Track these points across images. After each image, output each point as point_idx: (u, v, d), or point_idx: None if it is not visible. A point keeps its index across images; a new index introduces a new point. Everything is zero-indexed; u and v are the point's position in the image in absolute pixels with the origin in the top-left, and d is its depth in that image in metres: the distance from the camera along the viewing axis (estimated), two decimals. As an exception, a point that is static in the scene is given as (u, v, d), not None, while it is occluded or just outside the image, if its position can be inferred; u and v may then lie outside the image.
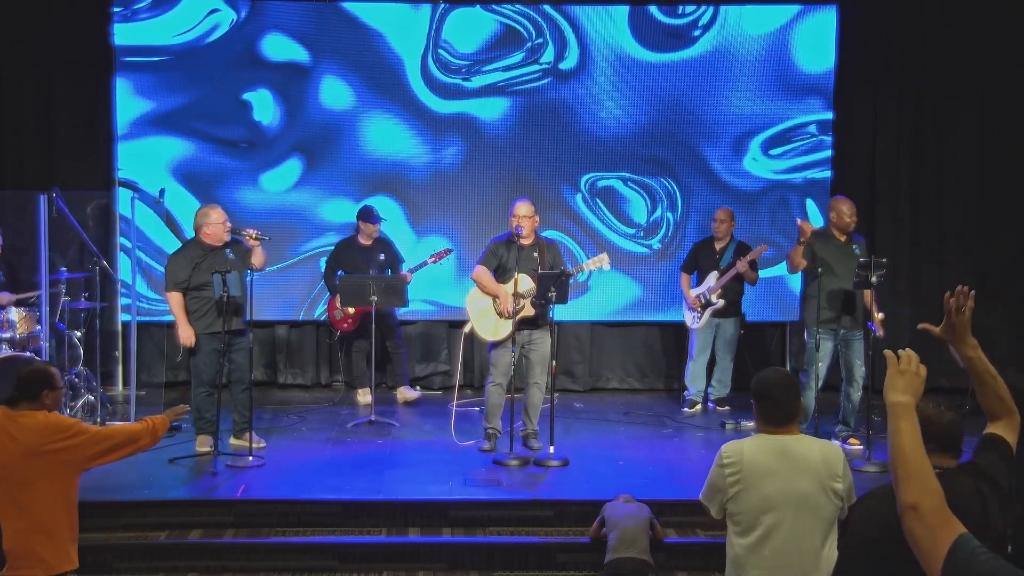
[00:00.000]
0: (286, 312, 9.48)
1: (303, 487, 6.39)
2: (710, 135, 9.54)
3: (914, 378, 2.49)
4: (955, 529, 2.24)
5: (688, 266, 8.87)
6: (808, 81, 9.51)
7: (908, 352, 2.54)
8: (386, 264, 8.76)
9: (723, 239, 8.73)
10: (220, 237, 7.17)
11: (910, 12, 9.57)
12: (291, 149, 9.43)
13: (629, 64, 9.48)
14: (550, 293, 6.85)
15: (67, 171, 9.11)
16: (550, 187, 9.47)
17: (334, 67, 9.40)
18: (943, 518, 2.27)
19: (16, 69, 9.29)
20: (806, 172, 9.58)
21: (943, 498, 2.31)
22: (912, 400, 2.46)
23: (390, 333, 8.92)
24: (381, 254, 8.78)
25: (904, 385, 2.48)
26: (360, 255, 8.77)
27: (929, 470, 2.34)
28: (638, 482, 6.50)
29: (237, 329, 7.14)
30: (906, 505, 2.31)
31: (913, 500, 2.30)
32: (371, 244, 8.81)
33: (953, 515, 2.28)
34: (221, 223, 7.18)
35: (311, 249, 9.44)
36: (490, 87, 9.47)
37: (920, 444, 2.39)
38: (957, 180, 9.64)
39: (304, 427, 8.12)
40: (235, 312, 7.07)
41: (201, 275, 7.05)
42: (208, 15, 9.31)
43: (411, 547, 5.92)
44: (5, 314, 7.46)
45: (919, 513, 2.28)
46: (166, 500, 6.21)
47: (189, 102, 9.34)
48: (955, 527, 2.24)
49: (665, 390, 9.64)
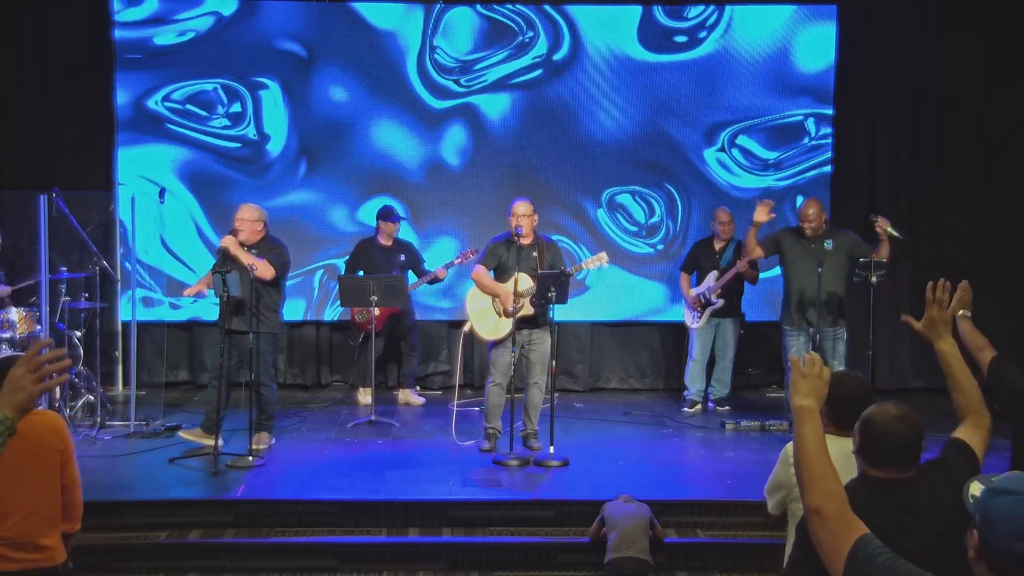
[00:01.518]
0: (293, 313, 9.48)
1: (303, 487, 6.39)
2: (709, 136, 9.54)
3: (817, 381, 2.51)
4: (856, 531, 2.26)
5: (688, 266, 8.87)
6: (808, 81, 9.51)
7: (812, 355, 2.55)
8: (407, 265, 8.74)
9: (725, 239, 8.73)
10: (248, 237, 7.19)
11: (910, 12, 9.57)
12: (292, 149, 9.43)
13: (630, 64, 9.47)
14: (550, 293, 6.85)
15: (67, 171, 9.12)
16: (552, 185, 9.47)
17: (335, 67, 9.40)
18: (845, 521, 2.28)
19: (16, 69, 9.29)
20: (806, 172, 9.58)
21: (845, 502, 2.32)
22: (815, 404, 2.47)
23: (407, 333, 8.91)
24: (401, 255, 8.76)
25: (807, 389, 2.49)
26: (380, 255, 8.74)
27: (832, 474, 2.35)
28: (638, 482, 6.50)
29: (238, 330, 7.12)
30: (810, 509, 2.33)
31: (816, 504, 2.32)
32: (391, 244, 8.78)
33: (856, 517, 2.30)
34: (246, 220, 7.20)
35: (316, 252, 9.44)
36: (489, 85, 9.46)
37: (824, 448, 2.40)
38: (957, 180, 9.65)
39: (304, 427, 8.11)
40: (235, 311, 7.07)
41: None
42: (208, 15, 9.32)
43: (411, 547, 5.92)
44: (5, 314, 7.46)
45: (822, 517, 2.30)
46: (166, 500, 6.21)
47: (189, 101, 9.35)
48: (856, 529, 2.26)
49: (665, 390, 9.64)
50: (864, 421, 2.97)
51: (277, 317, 7.30)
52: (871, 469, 2.95)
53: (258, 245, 7.21)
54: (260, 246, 7.21)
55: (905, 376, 9.65)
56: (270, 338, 7.26)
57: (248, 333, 7.10)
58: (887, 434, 2.91)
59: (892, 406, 3.01)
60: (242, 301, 7.05)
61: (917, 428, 2.96)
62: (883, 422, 2.93)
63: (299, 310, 9.47)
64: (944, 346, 3.05)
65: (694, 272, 8.80)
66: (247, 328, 7.10)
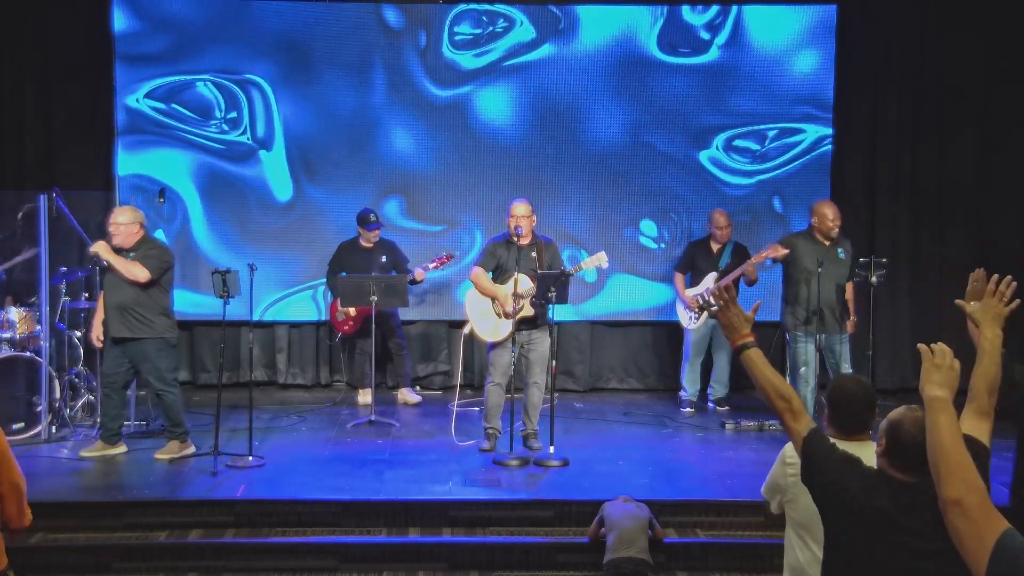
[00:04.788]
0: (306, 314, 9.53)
1: (303, 487, 6.39)
2: (709, 136, 9.53)
3: (949, 372, 2.50)
4: (999, 524, 2.22)
5: (684, 267, 8.86)
6: (808, 81, 9.50)
7: (941, 346, 2.53)
8: (389, 266, 8.74)
9: (723, 242, 8.73)
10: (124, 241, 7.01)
11: (910, 12, 9.57)
12: (293, 149, 9.43)
13: (634, 65, 9.46)
14: (550, 293, 6.85)
15: (67, 171, 9.11)
16: (554, 186, 9.47)
17: (336, 67, 9.40)
18: (986, 513, 2.25)
19: (16, 69, 9.29)
20: (806, 172, 9.57)
21: (986, 493, 2.29)
22: (949, 394, 2.45)
23: (392, 333, 8.92)
24: (383, 256, 8.77)
25: (941, 379, 2.48)
26: (361, 257, 8.76)
27: (970, 465, 2.32)
28: (638, 482, 6.51)
29: (122, 336, 6.98)
30: (950, 500, 2.29)
31: (957, 495, 2.28)
32: (373, 246, 8.80)
33: (996, 511, 2.26)
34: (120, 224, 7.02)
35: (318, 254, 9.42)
36: (490, 83, 9.45)
37: (960, 438, 2.37)
38: (957, 180, 9.64)
39: (304, 427, 8.12)
40: (117, 318, 6.94)
41: None
42: (207, 14, 9.32)
43: (411, 547, 5.92)
44: (5, 314, 7.46)
45: (963, 508, 2.26)
46: (166, 500, 6.21)
47: (188, 101, 9.34)
48: (999, 522, 2.23)
49: (665, 390, 9.63)
50: (892, 425, 2.92)
51: (164, 321, 7.00)
52: (894, 471, 2.94)
53: (136, 248, 6.98)
54: (138, 248, 6.98)
55: (905, 376, 9.64)
56: (160, 344, 6.98)
57: (134, 339, 6.92)
58: (917, 444, 2.90)
59: (921, 411, 2.98)
60: (124, 307, 6.89)
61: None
62: (913, 431, 2.91)
63: (312, 312, 9.49)
64: (990, 334, 3.03)
65: (688, 273, 8.79)
66: (131, 334, 6.92)
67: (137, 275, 6.86)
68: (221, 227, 9.39)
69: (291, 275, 9.43)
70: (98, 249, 6.93)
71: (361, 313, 8.58)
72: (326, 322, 9.48)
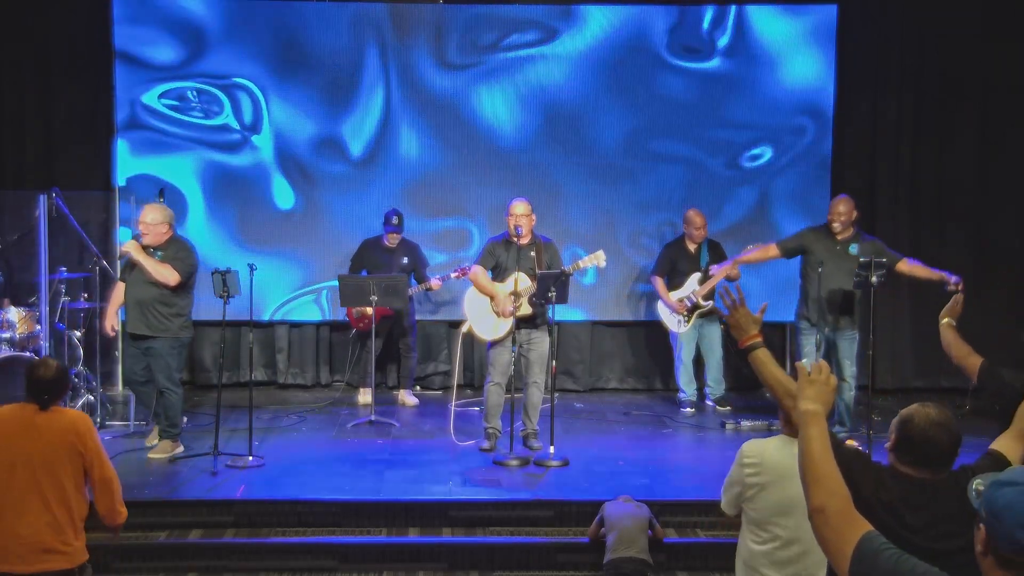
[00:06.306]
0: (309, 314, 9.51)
1: (303, 487, 6.38)
2: (707, 136, 9.53)
3: (823, 387, 2.59)
4: (860, 528, 2.29)
5: (662, 269, 8.80)
6: (807, 82, 9.49)
7: (819, 363, 2.64)
8: (409, 268, 8.74)
9: (698, 241, 8.71)
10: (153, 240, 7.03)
11: (910, 12, 9.57)
12: (295, 149, 9.42)
13: (638, 65, 9.46)
14: (550, 293, 6.85)
15: (67, 171, 9.11)
16: (554, 185, 9.47)
17: (335, 68, 9.39)
18: (848, 519, 2.32)
19: (16, 69, 9.29)
20: (806, 172, 9.56)
21: (849, 500, 2.36)
22: (822, 408, 2.54)
23: (405, 333, 8.91)
24: (404, 258, 8.76)
25: (814, 394, 2.57)
26: (382, 256, 8.75)
27: (836, 474, 2.40)
28: (638, 482, 6.51)
29: (140, 334, 7.02)
30: (814, 509, 2.37)
31: (820, 503, 2.36)
32: (395, 247, 8.79)
33: (859, 515, 2.33)
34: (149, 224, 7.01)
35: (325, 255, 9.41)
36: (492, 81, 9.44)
37: (828, 450, 2.45)
38: (957, 180, 9.64)
39: (304, 427, 8.12)
40: (138, 315, 6.98)
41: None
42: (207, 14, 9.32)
43: (411, 547, 5.92)
44: (5, 314, 7.46)
45: (826, 515, 2.34)
46: (166, 500, 6.21)
47: (189, 100, 9.34)
48: (860, 526, 2.30)
49: (665, 390, 9.62)
50: (903, 420, 2.97)
51: (181, 322, 7.04)
52: (903, 466, 2.95)
53: (164, 247, 7.00)
54: (166, 248, 7.00)
55: (905, 376, 9.65)
56: (173, 343, 7.01)
57: (151, 337, 6.96)
58: (927, 440, 2.92)
59: (933, 408, 3.00)
60: (145, 304, 6.92)
61: (956, 434, 2.97)
62: (923, 427, 2.93)
63: (314, 313, 9.49)
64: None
65: (666, 276, 8.76)
66: (149, 332, 6.95)
67: (168, 278, 6.88)
68: (221, 227, 9.38)
69: (296, 278, 9.43)
70: (129, 249, 6.96)
71: (379, 311, 8.55)
72: (327, 322, 9.48)
